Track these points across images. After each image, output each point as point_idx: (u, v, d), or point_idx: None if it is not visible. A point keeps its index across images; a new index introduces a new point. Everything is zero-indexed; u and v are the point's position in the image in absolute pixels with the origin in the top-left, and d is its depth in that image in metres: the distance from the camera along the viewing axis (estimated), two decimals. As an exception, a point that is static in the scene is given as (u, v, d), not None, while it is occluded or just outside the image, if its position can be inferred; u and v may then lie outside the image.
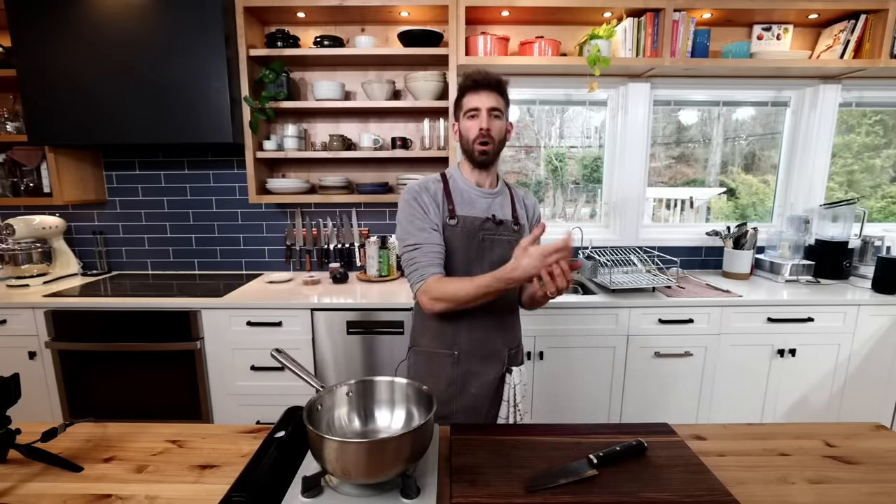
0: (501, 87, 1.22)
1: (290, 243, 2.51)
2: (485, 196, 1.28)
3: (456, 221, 1.24)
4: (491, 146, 1.22)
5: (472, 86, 1.22)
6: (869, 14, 2.11)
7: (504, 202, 1.31)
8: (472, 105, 1.22)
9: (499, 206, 1.29)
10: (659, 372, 2.06)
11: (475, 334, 1.26)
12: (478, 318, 1.25)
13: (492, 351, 1.27)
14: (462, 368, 1.25)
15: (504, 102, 1.24)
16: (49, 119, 2.08)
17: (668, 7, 2.06)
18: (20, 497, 0.80)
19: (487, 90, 1.21)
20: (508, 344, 1.31)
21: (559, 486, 0.78)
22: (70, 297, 2.05)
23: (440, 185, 1.27)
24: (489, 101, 1.21)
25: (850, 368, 2.09)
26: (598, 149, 2.62)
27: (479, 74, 1.21)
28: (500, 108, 1.22)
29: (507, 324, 1.32)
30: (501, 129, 1.24)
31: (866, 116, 2.63)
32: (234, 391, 2.05)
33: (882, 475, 0.86)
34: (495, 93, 1.21)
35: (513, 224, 1.28)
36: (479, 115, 1.21)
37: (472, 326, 1.26)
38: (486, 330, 1.27)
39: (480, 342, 1.26)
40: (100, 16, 1.99)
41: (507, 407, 1.27)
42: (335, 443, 0.71)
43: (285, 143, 2.29)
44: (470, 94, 1.22)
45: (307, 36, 2.31)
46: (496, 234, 1.25)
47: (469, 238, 1.24)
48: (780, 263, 2.33)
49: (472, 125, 1.22)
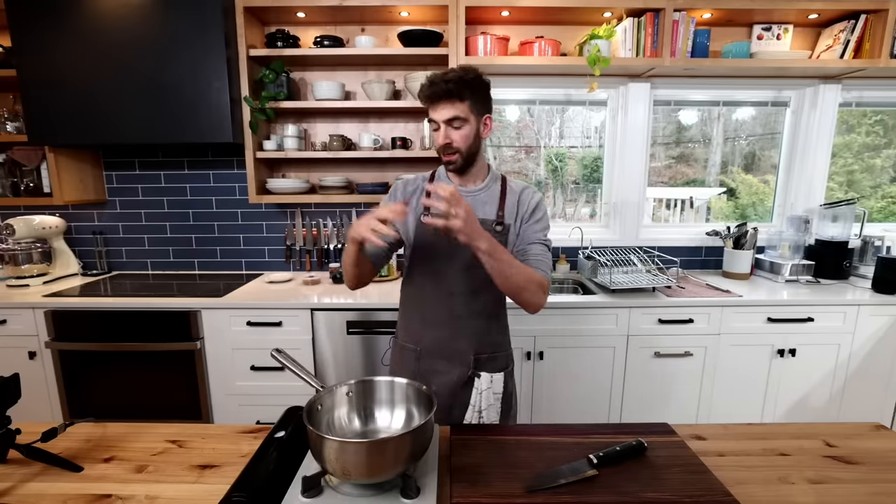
0: (460, 91, 1.12)
1: (290, 243, 2.51)
2: (463, 195, 1.22)
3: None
4: (457, 156, 1.17)
5: (424, 100, 1.15)
6: (869, 14, 2.11)
7: (488, 200, 1.24)
8: (431, 117, 1.16)
9: (478, 206, 1.23)
10: (659, 372, 2.06)
11: (440, 333, 1.24)
12: (444, 319, 1.24)
13: (456, 352, 1.24)
14: (425, 364, 1.26)
15: (468, 105, 1.14)
16: (49, 119, 2.08)
17: (668, 7, 2.06)
18: (20, 497, 0.80)
19: (443, 101, 1.13)
20: (478, 348, 1.25)
21: (559, 486, 0.78)
22: (70, 297, 2.05)
23: (425, 182, 1.27)
24: (445, 111, 1.13)
25: (850, 368, 2.09)
26: (598, 149, 2.62)
27: (431, 87, 1.12)
28: (461, 114, 1.13)
29: (480, 328, 1.26)
30: (467, 136, 1.16)
31: (866, 116, 2.63)
32: (234, 391, 2.05)
33: (882, 475, 0.86)
34: (452, 100, 1.12)
35: (494, 224, 1.21)
36: (439, 128, 1.16)
37: (438, 325, 1.24)
38: (451, 330, 1.24)
39: (444, 341, 1.24)
40: (100, 16, 1.99)
41: (472, 411, 1.23)
42: (335, 443, 0.71)
43: (285, 143, 2.29)
44: (427, 105, 1.16)
45: (307, 36, 2.31)
46: None
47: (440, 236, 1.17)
48: (780, 263, 2.33)
49: (436, 137, 1.18)
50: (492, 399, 1.25)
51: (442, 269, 1.22)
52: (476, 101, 1.15)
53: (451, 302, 1.23)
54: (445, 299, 1.23)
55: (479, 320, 1.25)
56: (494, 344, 1.29)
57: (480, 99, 1.16)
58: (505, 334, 1.34)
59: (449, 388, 1.24)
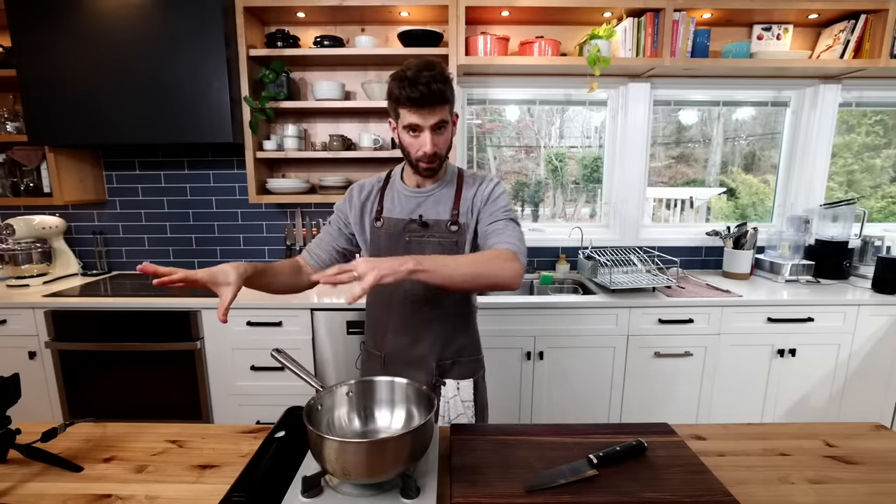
0: (445, 95, 1.01)
1: (290, 243, 2.51)
2: (414, 196, 1.17)
3: (381, 223, 1.18)
4: (437, 162, 1.09)
5: (407, 103, 1.00)
6: (869, 14, 2.11)
7: (442, 200, 1.17)
8: (410, 121, 1.03)
9: (431, 206, 1.16)
10: (659, 372, 2.06)
11: (400, 338, 1.20)
12: (403, 324, 1.19)
13: (417, 358, 1.19)
14: (391, 371, 1.19)
15: (449, 107, 1.05)
16: (49, 119, 2.08)
17: (668, 7, 2.06)
18: (20, 497, 0.80)
19: (430, 107, 1.00)
20: (440, 354, 1.20)
21: (559, 486, 0.78)
22: (70, 297, 2.05)
23: (379, 186, 1.23)
24: (433, 116, 1.01)
25: (850, 368, 2.09)
26: (598, 149, 2.62)
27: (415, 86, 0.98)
28: (446, 117, 1.04)
29: (442, 333, 1.20)
30: (448, 139, 1.09)
31: (866, 116, 2.63)
32: (234, 391, 2.05)
33: (882, 475, 0.86)
34: (439, 105, 1.01)
35: (448, 224, 1.14)
36: (422, 133, 1.04)
37: (398, 331, 1.20)
38: (411, 336, 1.19)
39: (405, 347, 1.19)
40: (100, 16, 1.99)
41: (441, 421, 1.18)
42: (335, 443, 0.71)
43: (285, 143, 2.29)
44: (406, 108, 1.02)
45: (307, 36, 2.31)
46: (424, 237, 1.15)
47: (394, 241, 1.16)
48: (780, 263, 2.33)
49: (414, 143, 1.06)
50: (461, 408, 1.20)
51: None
52: (453, 102, 1.08)
53: (408, 308, 1.18)
54: (402, 305, 1.18)
55: (440, 325, 1.19)
56: (459, 349, 1.23)
57: (454, 99, 1.08)
58: (472, 338, 1.27)
59: None
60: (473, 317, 1.28)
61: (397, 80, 1.01)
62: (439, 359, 1.20)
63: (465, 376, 1.23)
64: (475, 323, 1.29)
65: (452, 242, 1.15)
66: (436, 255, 1.02)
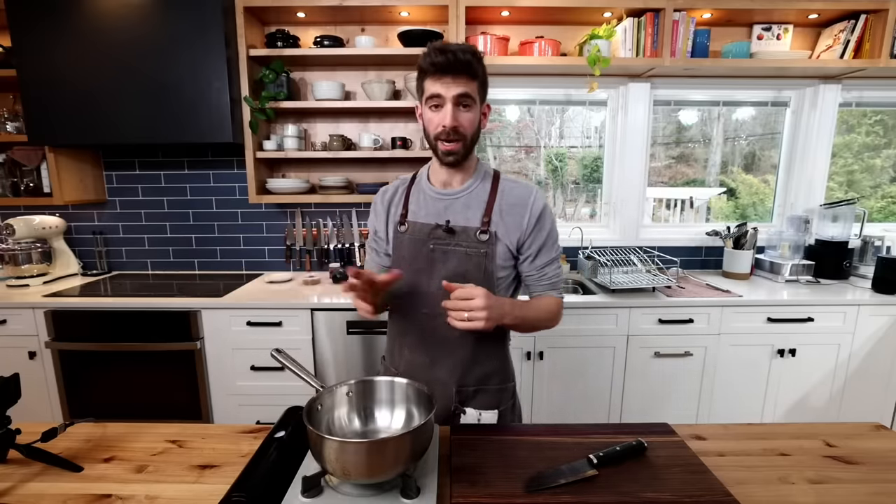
0: (472, 66, 0.95)
1: (290, 243, 2.51)
2: (441, 198, 1.07)
3: (405, 228, 1.09)
4: (459, 144, 0.99)
5: (432, 70, 0.95)
6: (869, 14, 2.11)
7: (472, 203, 1.06)
8: (433, 91, 0.96)
9: (459, 210, 1.06)
10: (659, 372, 2.06)
11: (418, 358, 1.10)
12: (421, 342, 1.09)
13: (436, 381, 1.07)
14: None
15: (478, 85, 0.98)
16: (49, 119, 2.08)
17: (668, 7, 2.06)
18: (20, 497, 0.80)
19: (453, 74, 0.94)
20: (461, 379, 1.08)
21: (559, 486, 0.78)
22: (70, 297, 2.05)
23: (404, 187, 1.14)
24: (456, 87, 0.94)
25: (850, 368, 2.09)
26: (598, 149, 2.62)
27: (442, 53, 0.93)
28: (472, 93, 0.96)
29: (464, 356, 1.08)
30: (473, 121, 0.99)
31: (866, 116, 2.63)
32: (234, 391, 2.05)
33: (882, 475, 0.86)
34: (465, 76, 0.94)
35: (477, 233, 1.03)
36: (443, 105, 0.96)
37: (415, 349, 1.11)
38: (429, 356, 1.09)
39: (422, 368, 1.09)
40: (100, 16, 1.99)
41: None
42: (335, 443, 0.71)
43: (285, 143, 2.29)
44: (431, 78, 0.96)
45: (307, 36, 2.30)
46: (449, 245, 1.04)
47: (417, 247, 1.06)
48: (780, 263, 2.33)
49: (434, 118, 0.98)
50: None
51: (420, 287, 1.06)
52: (483, 84, 1.01)
53: (430, 324, 1.07)
54: (423, 321, 1.08)
55: (462, 347, 1.08)
56: (484, 376, 1.10)
57: (485, 82, 1.02)
58: (501, 364, 1.14)
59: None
60: (505, 341, 1.16)
61: (426, 51, 0.96)
62: (460, 385, 1.09)
63: (489, 406, 1.10)
64: (507, 348, 1.17)
65: (481, 254, 1.04)
66: (519, 302, 1.02)
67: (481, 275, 1.04)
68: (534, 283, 1.11)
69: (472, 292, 0.90)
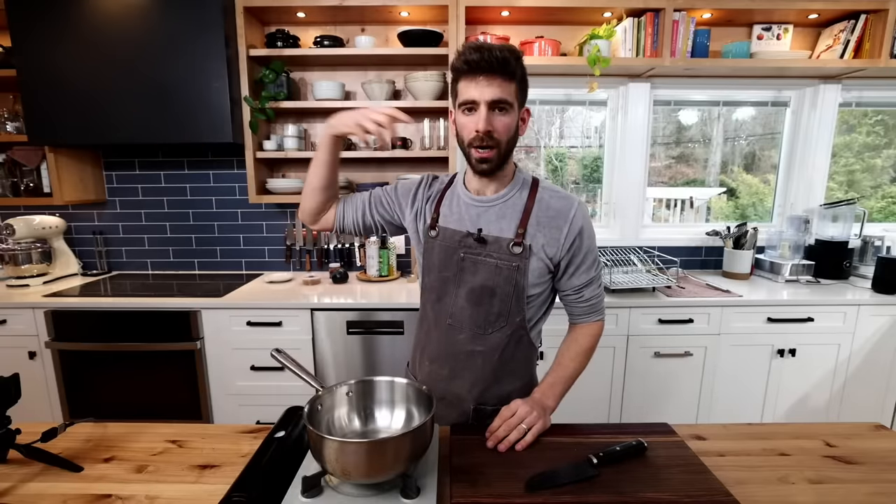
0: (510, 66, 0.88)
1: (290, 243, 2.51)
2: (475, 204, 1.01)
3: (436, 233, 1.03)
4: (494, 151, 0.92)
5: (465, 69, 0.88)
6: (869, 14, 2.11)
7: (507, 213, 0.99)
8: (467, 96, 0.89)
9: (493, 219, 0.99)
10: (659, 372, 2.06)
11: (437, 369, 1.05)
12: (442, 353, 1.04)
13: (453, 396, 1.03)
14: None
15: (516, 88, 0.90)
16: (49, 119, 2.08)
17: (668, 7, 2.06)
18: (20, 497, 0.80)
19: (488, 74, 0.87)
20: (480, 396, 1.02)
21: (559, 486, 0.78)
22: (70, 297, 2.05)
23: (440, 188, 1.08)
24: (491, 90, 0.87)
25: (850, 368, 2.09)
26: (598, 149, 2.62)
27: (477, 52, 0.87)
28: (508, 98, 0.89)
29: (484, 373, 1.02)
30: (510, 126, 0.92)
31: (867, 116, 2.63)
32: (234, 391, 2.05)
33: (882, 475, 0.86)
34: (499, 77, 0.87)
35: (510, 245, 0.96)
36: (477, 109, 0.90)
37: (435, 359, 1.05)
38: (449, 368, 1.03)
39: (441, 380, 1.04)
40: (100, 16, 1.99)
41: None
42: (335, 443, 0.71)
43: (285, 143, 2.29)
44: (465, 79, 0.90)
45: (307, 36, 2.30)
46: (480, 255, 0.98)
47: (447, 255, 1.01)
48: (780, 263, 2.33)
49: (468, 123, 0.91)
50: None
51: (445, 294, 1.01)
52: (522, 87, 0.93)
53: (451, 335, 1.02)
54: (445, 331, 1.03)
55: (484, 362, 1.02)
56: (506, 395, 1.02)
57: (525, 86, 0.94)
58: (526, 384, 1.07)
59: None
60: (533, 360, 1.10)
61: (460, 49, 0.91)
62: (478, 402, 1.03)
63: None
64: (534, 367, 1.11)
65: (513, 267, 0.96)
66: (555, 382, 1.01)
67: (511, 290, 0.98)
68: (571, 305, 1.05)
69: (511, 408, 0.91)
